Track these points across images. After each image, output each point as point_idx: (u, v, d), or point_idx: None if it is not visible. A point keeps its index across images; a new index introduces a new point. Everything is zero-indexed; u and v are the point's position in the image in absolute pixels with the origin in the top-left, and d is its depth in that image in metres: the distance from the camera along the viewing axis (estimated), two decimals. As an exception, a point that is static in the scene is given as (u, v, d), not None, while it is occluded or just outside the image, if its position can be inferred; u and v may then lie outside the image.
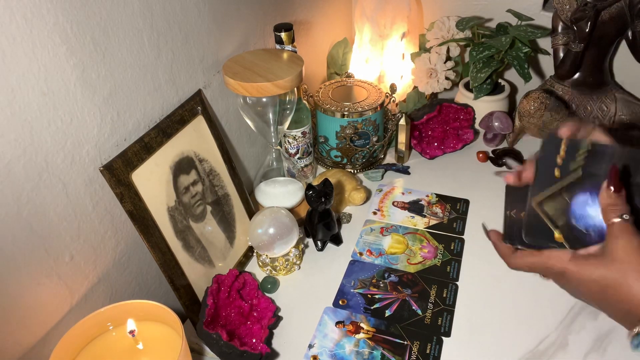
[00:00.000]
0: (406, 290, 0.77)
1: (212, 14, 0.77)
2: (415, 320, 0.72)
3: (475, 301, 0.75)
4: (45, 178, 0.55)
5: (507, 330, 0.70)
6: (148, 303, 0.58)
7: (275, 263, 0.79)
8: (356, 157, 1.00)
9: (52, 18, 0.52)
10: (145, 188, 0.66)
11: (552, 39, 1.01)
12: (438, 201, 0.94)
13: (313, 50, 1.13)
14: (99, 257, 0.65)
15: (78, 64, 0.56)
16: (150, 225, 0.66)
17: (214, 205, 0.78)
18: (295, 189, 0.89)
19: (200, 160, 0.76)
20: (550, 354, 0.66)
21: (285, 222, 0.77)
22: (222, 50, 0.82)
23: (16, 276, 0.54)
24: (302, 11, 1.04)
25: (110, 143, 0.63)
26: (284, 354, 0.69)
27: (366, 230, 0.89)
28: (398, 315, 0.73)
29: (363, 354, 0.68)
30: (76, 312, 0.62)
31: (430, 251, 0.84)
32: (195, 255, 0.73)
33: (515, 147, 1.06)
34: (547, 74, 1.16)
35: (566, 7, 0.96)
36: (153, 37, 0.67)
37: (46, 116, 0.54)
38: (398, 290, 0.77)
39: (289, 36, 0.83)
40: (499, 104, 1.09)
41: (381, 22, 1.10)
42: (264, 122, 0.81)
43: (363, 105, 0.95)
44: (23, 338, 0.56)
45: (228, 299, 0.71)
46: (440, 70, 1.09)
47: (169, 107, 0.72)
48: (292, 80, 0.73)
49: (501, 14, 1.09)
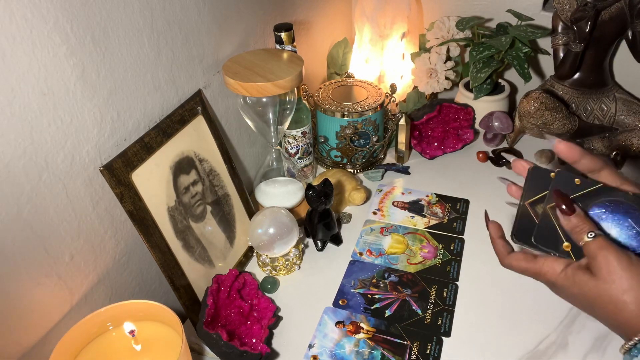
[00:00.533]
0: (406, 290, 0.77)
1: (212, 14, 0.77)
2: (415, 320, 0.72)
3: (475, 301, 0.75)
4: (45, 178, 0.55)
5: (507, 330, 0.70)
6: (148, 303, 0.58)
7: (275, 263, 0.79)
8: (356, 157, 1.00)
9: (52, 18, 0.52)
10: (145, 188, 0.65)
11: (552, 39, 1.01)
12: (438, 201, 0.94)
13: (313, 50, 1.13)
14: (99, 257, 0.65)
15: (78, 64, 0.56)
16: (150, 225, 0.66)
17: (214, 205, 0.78)
18: (295, 189, 0.89)
19: (200, 160, 0.76)
20: (550, 354, 0.66)
21: (285, 222, 0.77)
22: (222, 50, 0.82)
23: (16, 276, 0.54)
24: (302, 11, 1.04)
25: (110, 143, 0.63)
26: (284, 354, 0.69)
27: (366, 230, 0.89)
28: (398, 315, 0.73)
29: (363, 354, 0.68)
30: (76, 312, 0.62)
31: (430, 251, 0.84)
32: (195, 255, 0.73)
33: (515, 147, 1.06)
34: (547, 74, 1.16)
35: (566, 7, 0.96)
36: (153, 37, 0.67)
37: (46, 116, 0.54)
38: (398, 290, 0.77)
39: (289, 36, 0.83)
40: (499, 104, 1.09)
41: (381, 22, 1.10)
42: (264, 122, 0.81)
43: (363, 105, 0.95)
44: (23, 338, 0.56)
45: (228, 299, 0.71)
46: (440, 70, 1.09)
47: (169, 107, 0.72)
48: (292, 80, 0.73)
49: (501, 14, 1.09)
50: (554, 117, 0.93)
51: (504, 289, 0.76)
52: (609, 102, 1.00)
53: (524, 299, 0.74)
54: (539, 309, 0.72)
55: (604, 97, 1.01)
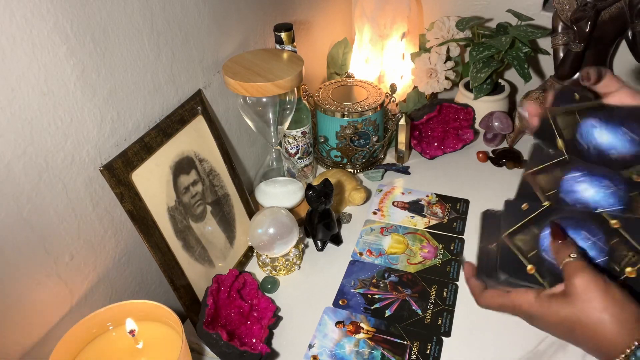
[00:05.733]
0: (406, 290, 0.77)
1: (212, 14, 0.77)
2: (415, 320, 0.72)
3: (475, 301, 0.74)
4: (45, 178, 0.55)
5: (507, 330, 0.70)
6: (148, 303, 0.58)
7: (275, 263, 0.79)
8: (356, 157, 1.00)
9: (52, 18, 0.52)
10: (145, 188, 0.65)
11: (552, 39, 1.01)
12: (438, 201, 0.94)
13: (313, 50, 1.13)
14: (99, 257, 0.65)
15: (78, 64, 0.56)
16: (150, 225, 0.66)
17: (214, 205, 0.78)
18: (295, 189, 0.89)
19: (200, 160, 0.76)
20: (550, 354, 0.66)
21: (285, 222, 0.77)
22: (222, 50, 0.82)
23: (16, 276, 0.54)
24: (302, 11, 1.04)
25: (110, 143, 0.63)
26: (284, 354, 0.69)
27: (366, 230, 0.89)
28: (398, 315, 0.73)
29: (363, 354, 0.68)
30: (76, 312, 0.62)
31: (430, 251, 0.84)
32: (195, 255, 0.73)
33: (515, 147, 1.06)
34: (547, 74, 1.16)
35: (566, 7, 0.96)
36: (153, 37, 0.67)
37: (46, 116, 0.54)
38: (398, 290, 0.77)
39: (289, 36, 0.83)
40: (499, 104, 1.09)
41: (381, 22, 1.10)
42: (264, 122, 0.81)
43: (363, 105, 0.95)
44: (23, 338, 0.56)
45: (228, 299, 0.71)
46: (440, 70, 1.09)
47: (169, 107, 0.72)
48: (292, 80, 0.73)
49: (501, 14, 1.09)
50: (554, 117, 0.93)
51: (504, 289, 0.76)
52: (609, 102, 1.00)
53: (524, 299, 0.74)
54: (539, 309, 0.72)
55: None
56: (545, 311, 0.47)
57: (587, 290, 0.44)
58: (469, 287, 0.55)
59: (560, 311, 0.45)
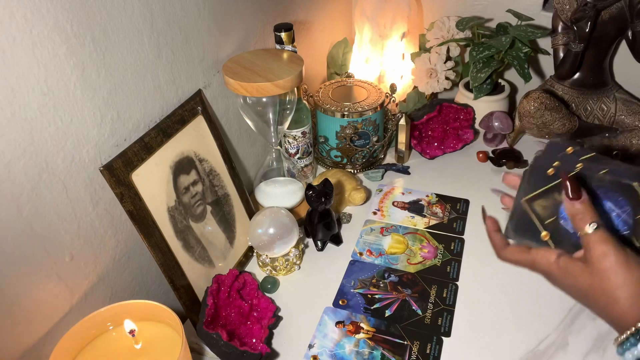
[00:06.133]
0: (406, 290, 0.77)
1: (212, 14, 0.77)
2: (415, 320, 0.72)
3: (475, 301, 0.75)
4: (45, 178, 0.55)
5: (507, 330, 0.70)
6: (148, 303, 0.58)
7: (275, 263, 0.79)
8: (356, 157, 1.00)
9: (52, 18, 0.52)
10: (145, 188, 0.65)
11: (552, 39, 1.01)
12: (438, 201, 0.94)
13: (313, 50, 1.13)
14: (99, 257, 0.65)
15: (78, 64, 0.56)
16: (150, 225, 0.66)
17: (214, 205, 0.78)
18: (295, 189, 0.89)
19: (200, 160, 0.76)
20: (550, 354, 0.66)
21: (285, 222, 0.77)
22: (222, 50, 0.82)
23: (16, 276, 0.54)
24: (302, 11, 1.04)
25: (110, 143, 0.63)
26: (284, 354, 0.69)
27: (366, 230, 0.89)
28: (398, 315, 0.73)
29: (363, 354, 0.68)
30: (76, 312, 0.62)
31: (430, 251, 0.84)
32: (195, 255, 0.73)
33: (515, 147, 1.06)
34: (547, 74, 1.16)
35: (566, 7, 0.96)
36: (153, 37, 0.67)
37: (46, 116, 0.54)
38: (398, 290, 0.77)
39: (289, 36, 0.83)
40: (499, 104, 1.09)
41: (381, 22, 1.10)
42: (264, 122, 0.81)
43: (363, 105, 0.95)
44: (23, 338, 0.56)
45: (228, 299, 0.71)
46: (440, 70, 1.09)
47: (169, 107, 0.72)
48: (292, 80, 0.73)
49: (501, 14, 1.09)
50: (554, 117, 0.93)
51: (504, 289, 0.76)
52: (609, 102, 1.00)
53: (524, 299, 0.74)
54: (539, 309, 0.72)
55: (604, 97, 1.01)
56: (563, 274, 0.47)
57: (608, 266, 0.44)
58: (492, 241, 0.55)
59: (577, 277, 0.46)
